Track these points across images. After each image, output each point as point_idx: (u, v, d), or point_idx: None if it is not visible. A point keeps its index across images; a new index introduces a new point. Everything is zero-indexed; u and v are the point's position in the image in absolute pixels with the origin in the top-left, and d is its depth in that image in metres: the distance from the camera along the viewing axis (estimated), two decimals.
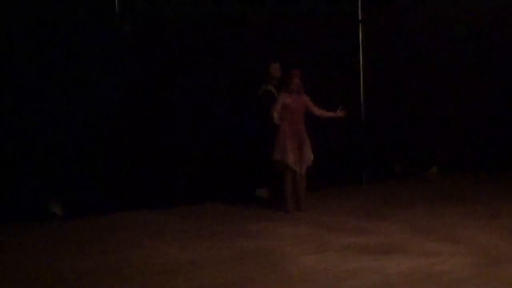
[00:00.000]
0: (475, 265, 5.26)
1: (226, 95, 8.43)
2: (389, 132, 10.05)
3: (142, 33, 7.92)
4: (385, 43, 9.76)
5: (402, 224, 6.84)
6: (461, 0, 10.51)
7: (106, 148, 7.71)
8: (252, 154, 8.45)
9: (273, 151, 7.53)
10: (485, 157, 10.79)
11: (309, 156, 7.62)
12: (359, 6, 9.54)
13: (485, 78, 10.83)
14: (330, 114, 7.74)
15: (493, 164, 10.73)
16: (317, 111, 7.70)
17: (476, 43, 10.67)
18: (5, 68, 7.17)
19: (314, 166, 7.75)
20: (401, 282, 4.85)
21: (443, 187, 9.43)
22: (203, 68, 8.26)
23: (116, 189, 7.70)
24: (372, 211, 7.68)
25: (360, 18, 9.56)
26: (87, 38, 7.55)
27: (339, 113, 7.69)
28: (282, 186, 7.61)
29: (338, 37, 9.31)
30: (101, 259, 5.64)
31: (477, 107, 10.81)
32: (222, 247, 6.03)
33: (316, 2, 9.09)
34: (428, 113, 10.37)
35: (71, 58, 7.46)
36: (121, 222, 7.25)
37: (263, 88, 7.98)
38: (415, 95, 10.22)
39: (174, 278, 5.06)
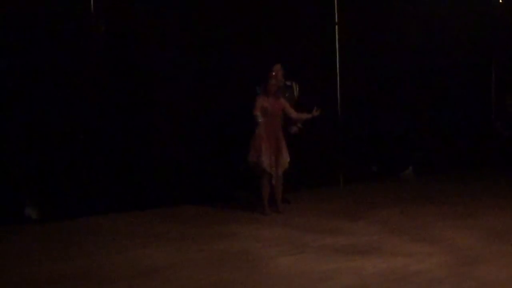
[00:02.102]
0: (450, 265, 5.31)
1: (203, 96, 8.39)
2: (366, 133, 10.10)
3: (117, 33, 7.86)
4: (361, 44, 9.80)
5: (378, 225, 6.87)
6: (437, 2, 10.62)
7: (81, 151, 7.62)
8: (229, 155, 8.48)
9: (249, 153, 7.52)
10: (460, 157, 10.90)
11: (286, 158, 7.60)
12: (335, 8, 9.56)
13: (460, 79, 10.94)
14: (307, 116, 7.73)
15: (468, 164, 10.84)
16: (294, 114, 7.70)
17: (452, 45, 10.77)
18: None
19: (291, 168, 7.76)
20: (378, 282, 4.88)
21: (419, 188, 9.50)
22: (178, 69, 8.21)
23: (91, 192, 7.62)
24: (349, 212, 7.70)
25: (336, 20, 9.58)
26: (61, 38, 7.45)
27: (315, 113, 7.69)
28: (259, 188, 7.60)
29: (315, 39, 9.32)
30: (76, 263, 5.57)
31: (452, 108, 10.92)
32: (199, 249, 6.00)
33: (293, 3, 9.10)
34: (404, 114, 10.45)
35: (45, 58, 7.36)
36: (97, 225, 7.17)
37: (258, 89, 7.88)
38: (391, 96, 10.29)
39: (151, 281, 5.02)
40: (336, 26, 9.58)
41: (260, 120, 7.40)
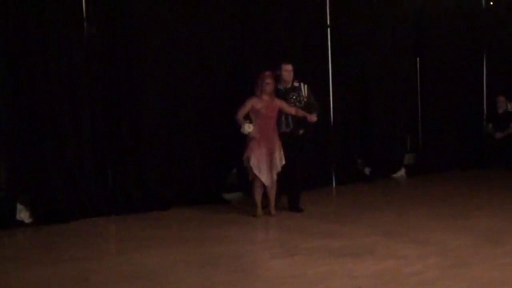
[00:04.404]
0: (443, 267, 5.32)
1: (194, 97, 8.38)
2: (358, 135, 10.12)
3: (109, 35, 7.85)
4: (353, 47, 9.82)
5: (371, 227, 6.88)
6: (429, 5, 10.66)
7: (73, 154, 7.59)
8: (221, 158, 8.48)
9: (243, 156, 7.49)
10: (452, 159, 10.94)
11: (280, 161, 7.51)
12: (327, 11, 9.57)
13: (452, 81, 10.97)
14: (305, 113, 7.60)
15: (460, 166, 10.88)
16: (293, 111, 7.53)
17: (444, 48, 10.81)
18: None
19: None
20: (370, 284, 4.89)
21: (411, 189, 9.53)
22: (170, 71, 8.20)
23: (83, 196, 7.60)
24: (341, 214, 7.71)
25: (328, 23, 9.59)
26: (53, 41, 7.43)
27: (310, 118, 7.58)
28: (252, 191, 7.59)
29: (307, 42, 9.33)
30: (68, 267, 5.56)
31: (444, 111, 10.95)
32: (192, 252, 6.00)
33: (285, 7, 9.11)
34: (396, 116, 10.48)
35: (37, 60, 7.34)
36: (89, 229, 7.16)
37: None
38: (383, 99, 10.31)
39: (143, 285, 5.02)
40: (328, 29, 9.60)
41: (245, 132, 7.27)
